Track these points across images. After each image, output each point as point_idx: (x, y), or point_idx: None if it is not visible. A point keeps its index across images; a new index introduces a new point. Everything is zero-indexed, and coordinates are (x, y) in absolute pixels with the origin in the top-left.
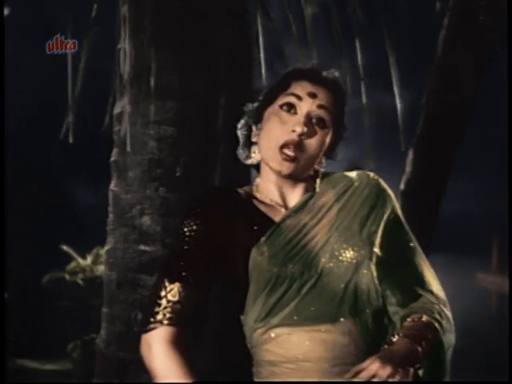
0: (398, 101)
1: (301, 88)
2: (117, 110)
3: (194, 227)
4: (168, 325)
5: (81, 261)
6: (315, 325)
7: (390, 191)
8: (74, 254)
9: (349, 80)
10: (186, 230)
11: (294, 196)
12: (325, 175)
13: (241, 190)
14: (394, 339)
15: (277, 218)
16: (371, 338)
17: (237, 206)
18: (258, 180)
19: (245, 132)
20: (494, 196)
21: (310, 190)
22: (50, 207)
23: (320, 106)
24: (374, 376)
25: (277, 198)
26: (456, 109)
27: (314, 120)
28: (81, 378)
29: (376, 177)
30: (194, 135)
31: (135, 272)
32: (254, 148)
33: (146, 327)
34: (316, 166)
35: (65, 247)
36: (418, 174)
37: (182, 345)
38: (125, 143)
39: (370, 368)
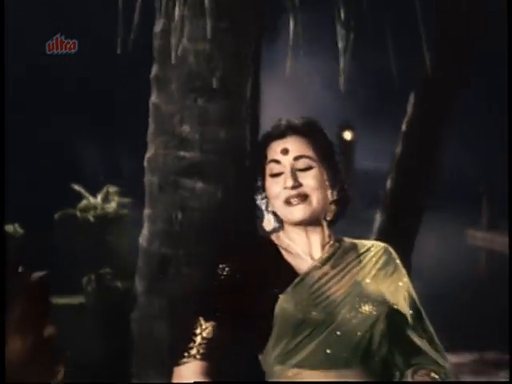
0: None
1: (273, 151)
2: (157, 28)
3: (230, 273)
4: (200, 359)
5: (91, 199)
6: (329, 369)
7: (400, 262)
8: (85, 193)
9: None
10: (221, 273)
11: (316, 245)
12: (347, 238)
13: (268, 239)
14: None
15: (301, 267)
16: (379, 381)
17: (266, 255)
18: (282, 231)
19: (263, 205)
20: (487, 158)
21: (330, 239)
22: (63, 148)
23: (296, 158)
24: None
25: (301, 248)
26: (459, 56)
27: (298, 169)
28: (94, 311)
29: (391, 249)
30: (227, 50)
31: (176, 175)
32: (270, 217)
33: (179, 361)
34: (330, 198)
35: (76, 186)
36: (419, 115)
37: (211, 378)
38: (165, 58)
39: None
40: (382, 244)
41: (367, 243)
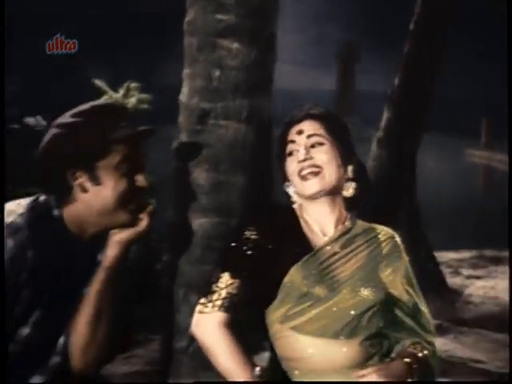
0: None
1: (291, 134)
2: None
3: (258, 237)
4: (224, 311)
5: (113, 94)
6: (319, 337)
7: (403, 250)
8: (107, 88)
9: None
10: (249, 237)
11: (330, 223)
12: (360, 222)
13: (291, 209)
14: (392, 358)
15: (315, 241)
16: (366, 355)
17: (288, 224)
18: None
19: (290, 191)
20: (487, 79)
21: (345, 220)
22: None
23: (309, 136)
24: None
25: (316, 224)
26: None
27: (310, 146)
28: None
29: (397, 236)
30: None
31: (213, 36)
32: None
33: (203, 310)
34: (343, 175)
35: (97, 81)
36: (427, 14)
37: (233, 328)
38: None
39: (366, 378)
40: (390, 231)
41: (377, 229)
